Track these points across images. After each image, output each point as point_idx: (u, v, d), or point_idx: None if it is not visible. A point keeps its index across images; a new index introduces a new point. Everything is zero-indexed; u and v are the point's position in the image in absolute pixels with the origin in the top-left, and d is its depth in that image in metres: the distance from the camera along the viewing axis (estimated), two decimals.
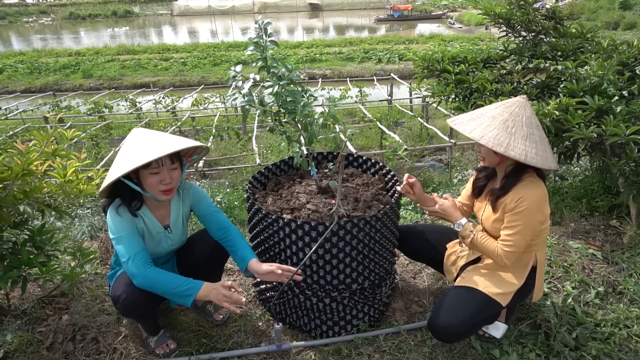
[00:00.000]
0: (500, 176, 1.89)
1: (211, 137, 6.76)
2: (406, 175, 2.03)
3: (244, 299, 1.79)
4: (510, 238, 1.77)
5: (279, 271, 1.85)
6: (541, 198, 1.75)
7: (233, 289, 1.80)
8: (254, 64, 1.95)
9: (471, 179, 2.11)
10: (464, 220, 1.92)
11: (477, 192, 2.02)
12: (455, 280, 2.06)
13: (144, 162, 1.66)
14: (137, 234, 1.82)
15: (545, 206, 1.78)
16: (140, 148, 1.72)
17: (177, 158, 1.83)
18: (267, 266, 1.87)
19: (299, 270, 1.91)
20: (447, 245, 2.18)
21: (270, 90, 1.91)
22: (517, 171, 1.79)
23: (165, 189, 1.79)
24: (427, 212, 2.07)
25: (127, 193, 1.82)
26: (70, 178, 2.04)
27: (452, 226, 1.97)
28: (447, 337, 1.88)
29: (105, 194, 1.83)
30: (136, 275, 1.74)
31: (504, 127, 1.70)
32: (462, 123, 1.81)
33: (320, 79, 13.24)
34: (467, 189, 2.13)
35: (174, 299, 1.80)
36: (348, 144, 5.86)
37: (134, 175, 1.77)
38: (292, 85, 1.95)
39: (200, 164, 5.48)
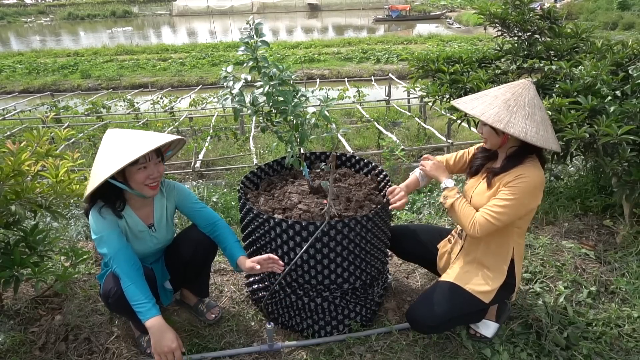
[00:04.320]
0: (501, 157, 1.88)
1: (209, 138, 6.77)
2: (396, 202, 1.95)
3: None
4: (496, 209, 1.74)
5: (258, 266, 1.86)
6: (540, 181, 1.75)
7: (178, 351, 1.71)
8: (245, 64, 1.95)
9: (464, 152, 2.09)
10: (451, 182, 1.90)
11: (473, 171, 2.00)
12: None
13: (135, 158, 1.67)
14: (119, 232, 1.82)
15: (540, 192, 1.76)
16: (123, 146, 1.72)
17: (160, 152, 1.85)
18: (249, 263, 1.89)
19: (282, 264, 1.90)
20: (438, 246, 2.18)
21: (261, 90, 1.91)
22: (520, 154, 1.79)
23: (152, 183, 1.81)
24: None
25: (110, 194, 1.80)
26: (62, 178, 2.04)
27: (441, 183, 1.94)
28: (422, 329, 1.93)
29: (89, 198, 1.81)
30: (119, 275, 1.76)
31: (505, 106, 1.71)
32: (464, 102, 1.83)
33: (318, 79, 13.27)
34: (464, 152, 2.10)
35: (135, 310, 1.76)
36: (345, 143, 5.87)
37: (120, 174, 1.77)
38: (283, 85, 1.95)
39: (198, 164, 5.48)
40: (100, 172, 1.70)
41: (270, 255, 1.89)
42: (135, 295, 1.73)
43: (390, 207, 1.98)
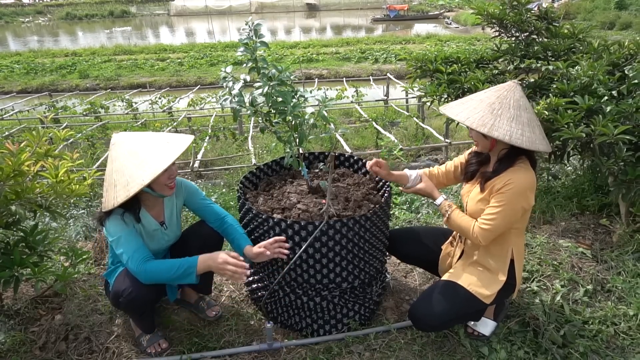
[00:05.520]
0: (493, 160, 1.91)
1: (207, 138, 6.78)
2: (373, 161, 2.09)
3: (247, 266, 1.79)
4: (490, 217, 1.79)
5: (268, 252, 1.90)
6: (529, 184, 1.77)
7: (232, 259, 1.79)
8: (245, 65, 1.96)
9: (461, 157, 2.12)
10: (439, 200, 1.97)
11: (468, 176, 2.03)
12: None
13: (171, 162, 1.71)
14: (135, 232, 1.86)
15: (530, 194, 1.79)
16: (151, 152, 1.73)
17: None
18: (256, 249, 1.92)
19: (288, 246, 1.92)
20: (442, 247, 2.19)
21: (260, 91, 1.92)
22: (510, 156, 1.81)
23: (171, 183, 1.86)
24: (404, 191, 2.10)
25: (130, 200, 1.79)
26: (62, 178, 2.04)
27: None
28: (424, 327, 1.94)
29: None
30: (138, 273, 1.78)
31: (490, 109, 1.74)
32: (450, 107, 1.86)
33: (316, 79, 13.26)
34: (454, 163, 2.14)
35: (179, 282, 1.83)
36: (344, 143, 5.89)
37: None
38: (282, 86, 1.96)
39: (196, 164, 5.49)
40: (136, 178, 1.70)
41: (276, 237, 1.92)
42: (169, 269, 1.77)
43: (368, 167, 2.09)
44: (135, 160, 1.73)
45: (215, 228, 2.10)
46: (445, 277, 1.99)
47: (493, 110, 1.73)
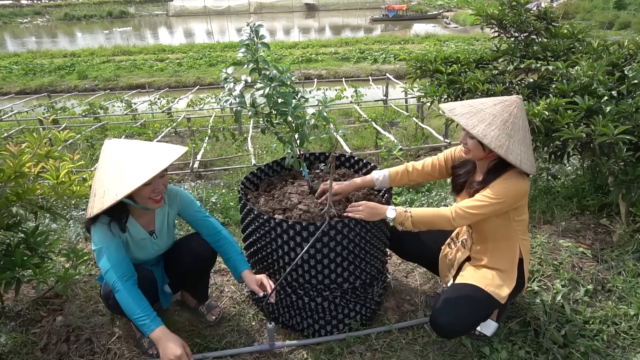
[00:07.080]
0: (481, 170, 1.90)
1: (207, 138, 6.77)
2: (322, 198, 2.06)
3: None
4: (479, 203, 1.76)
5: (261, 293, 1.94)
6: (521, 189, 1.76)
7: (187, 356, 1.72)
8: (246, 66, 1.96)
9: (440, 156, 2.09)
10: (392, 212, 1.86)
11: (457, 189, 2.03)
12: (454, 278, 2.07)
13: (148, 179, 1.64)
14: (119, 244, 1.80)
15: (520, 198, 1.78)
16: (132, 165, 1.68)
17: None
18: (253, 284, 1.94)
19: (274, 295, 1.97)
20: (442, 247, 2.19)
21: (261, 92, 1.92)
22: (499, 168, 1.81)
23: (156, 197, 1.80)
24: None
25: (115, 210, 1.76)
26: (63, 179, 2.05)
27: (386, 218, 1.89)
28: (449, 334, 1.91)
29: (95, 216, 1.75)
30: (114, 289, 1.74)
31: (504, 128, 1.71)
32: (462, 115, 1.77)
33: (315, 79, 13.25)
34: (432, 162, 2.09)
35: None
36: (343, 144, 5.89)
37: None
38: (283, 87, 1.96)
39: (196, 164, 5.49)
40: (110, 192, 1.66)
41: (262, 277, 1.95)
42: (135, 311, 1.71)
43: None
44: (115, 172, 1.68)
45: (210, 242, 2.06)
46: (459, 280, 1.97)
47: (507, 130, 1.71)
